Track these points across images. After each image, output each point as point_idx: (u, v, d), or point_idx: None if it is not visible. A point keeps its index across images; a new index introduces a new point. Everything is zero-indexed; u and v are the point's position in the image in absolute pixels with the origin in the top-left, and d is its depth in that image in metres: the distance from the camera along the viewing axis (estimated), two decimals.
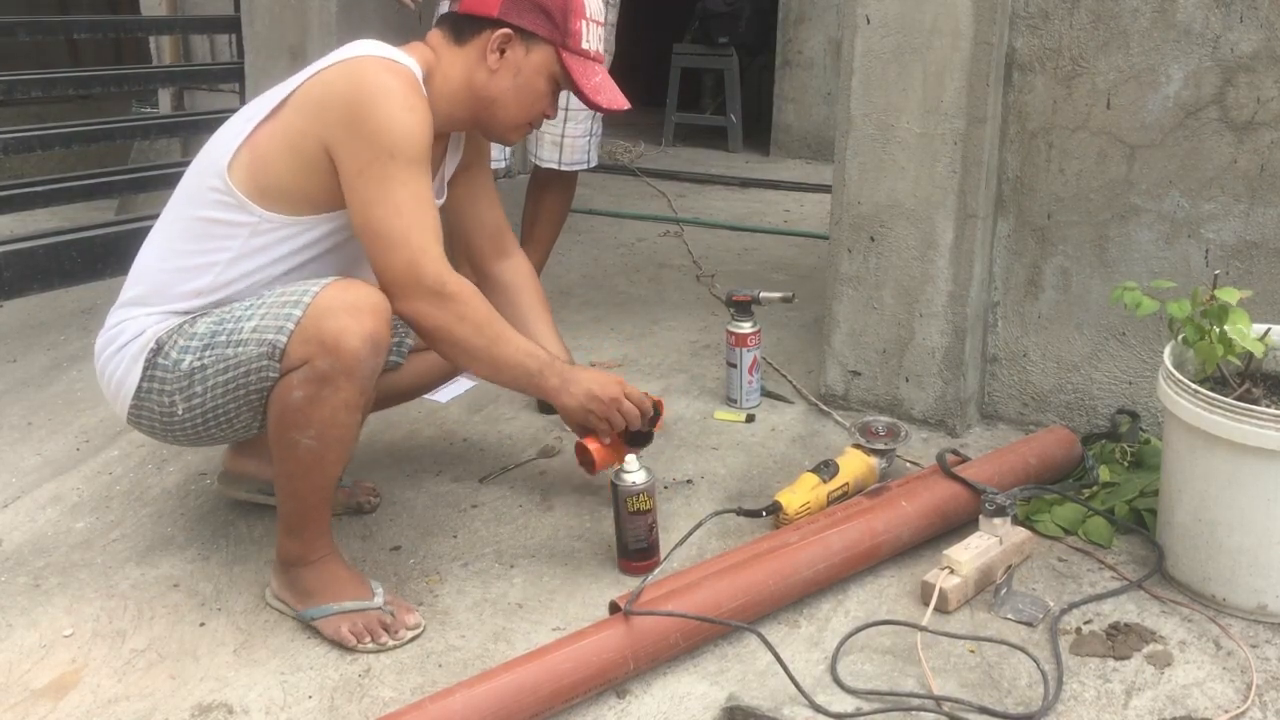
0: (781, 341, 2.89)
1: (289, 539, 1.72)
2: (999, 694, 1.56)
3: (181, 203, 1.74)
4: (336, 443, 1.62)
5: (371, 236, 1.64)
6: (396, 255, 1.63)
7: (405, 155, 1.61)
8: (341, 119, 1.62)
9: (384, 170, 1.61)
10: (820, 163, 5.45)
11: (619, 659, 1.54)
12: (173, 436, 1.73)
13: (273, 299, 1.62)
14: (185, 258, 1.70)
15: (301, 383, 1.57)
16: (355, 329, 1.56)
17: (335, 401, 1.58)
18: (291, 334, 1.56)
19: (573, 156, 2.81)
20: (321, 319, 1.56)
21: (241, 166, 1.67)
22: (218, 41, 4.82)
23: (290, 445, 1.61)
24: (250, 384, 1.60)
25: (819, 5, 5.53)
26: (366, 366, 1.59)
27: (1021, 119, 2.23)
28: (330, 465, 1.65)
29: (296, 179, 1.66)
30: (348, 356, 1.56)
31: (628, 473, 1.84)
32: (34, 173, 4.35)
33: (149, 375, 1.66)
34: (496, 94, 1.76)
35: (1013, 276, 2.33)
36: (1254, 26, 1.99)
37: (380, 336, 1.60)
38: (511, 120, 1.81)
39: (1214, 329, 1.70)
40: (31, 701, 1.58)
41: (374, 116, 1.60)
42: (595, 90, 1.80)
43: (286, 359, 1.57)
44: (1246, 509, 1.66)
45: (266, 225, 1.68)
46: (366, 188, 1.61)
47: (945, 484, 1.95)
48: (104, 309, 1.80)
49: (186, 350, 1.64)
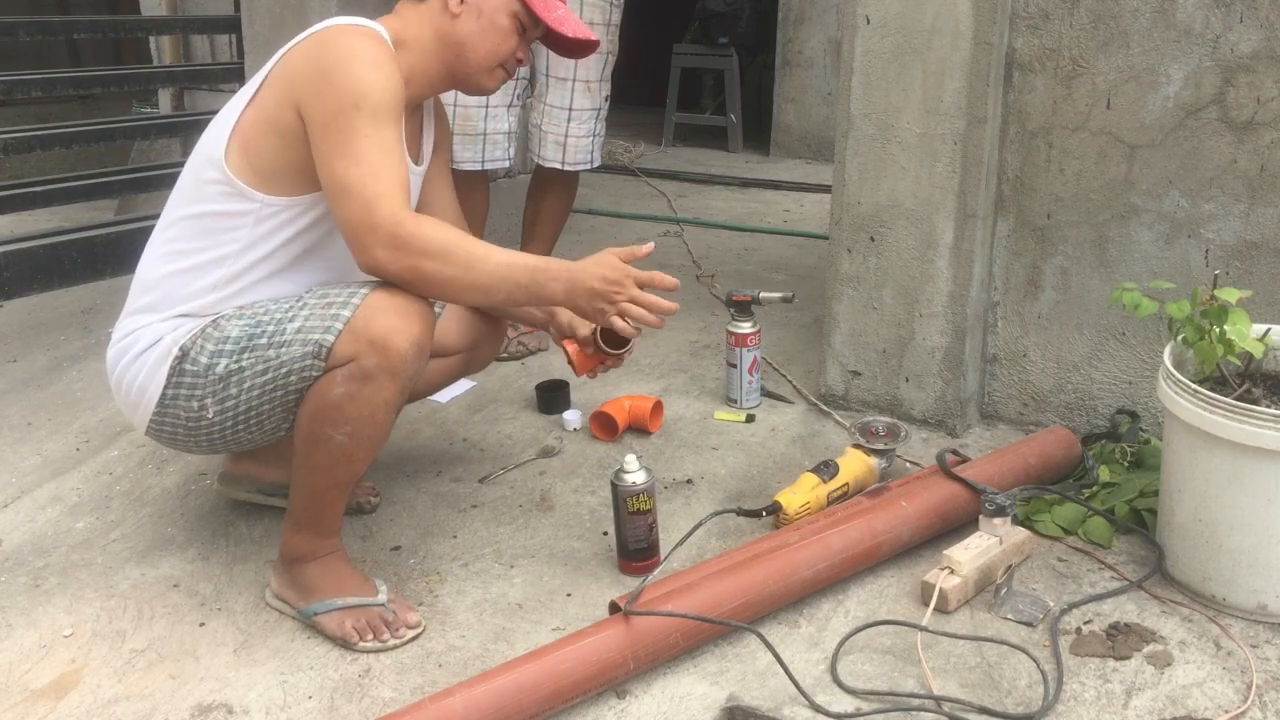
0: (781, 341, 2.90)
1: (297, 535, 1.72)
2: (999, 694, 1.56)
3: (179, 203, 1.73)
4: (368, 441, 1.63)
5: (334, 191, 1.60)
6: (352, 203, 1.57)
7: (369, 107, 1.58)
8: (309, 80, 1.62)
9: (348, 123, 1.58)
10: (820, 163, 5.45)
11: (619, 659, 1.54)
12: (195, 442, 1.72)
13: (315, 300, 1.62)
14: (192, 256, 1.69)
15: (345, 379, 1.57)
16: (405, 330, 1.57)
17: (376, 400, 1.58)
18: (340, 333, 1.56)
19: (576, 156, 2.82)
20: (372, 318, 1.56)
21: (235, 153, 1.67)
22: (218, 41, 4.82)
23: (321, 440, 1.61)
24: (290, 384, 1.60)
25: (819, 5, 5.54)
26: (411, 368, 1.59)
27: (1021, 119, 2.23)
28: (357, 463, 1.65)
29: (284, 155, 1.66)
30: (395, 356, 1.56)
31: (628, 473, 1.84)
32: (34, 173, 4.36)
33: (175, 382, 1.65)
34: (464, 37, 1.76)
35: (1013, 276, 2.33)
36: (1254, 26, 1.99)
37: (425, 342, 1.61)
38: (483, 63, 1.79)
39: (1214, 329, 1.70)
40: (31, 701, 1.58)
41: (338, 72, 1.59)
42: (559, 22, 1.81)
43: (332, 357, 1.57)
44: (1246, 509, 1.66)
45: (268, 209, 1.67)
46: (329, 140, 1.59)
47: (945, 484, 1.95)
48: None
49: (220, 354, 1.63)
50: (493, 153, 2.77)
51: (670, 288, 1.68)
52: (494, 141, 2.76)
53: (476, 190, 2.86)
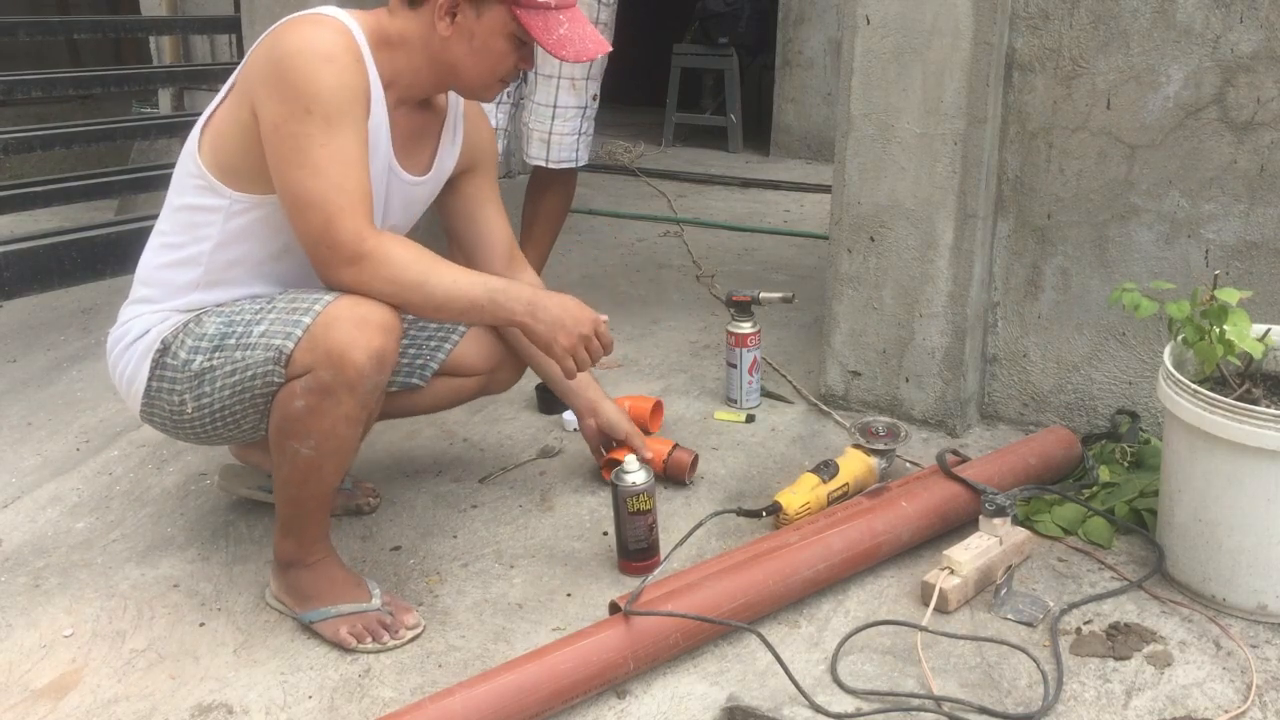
0: (781, 341, 2.90)
1: (286, 540, 1.72)
2: (999, 694, 1.56)
3: (170, 194, 1.73)
4: (334, 454, 1.61)
5: (289, 201, 1.55)
6: (313, 218, 1.53)
7: (320, 110, 1.51)
8: (261, 78, 1.55)
9: (300, 127, 1.51)
10: (820, 163, 5.45)
11: (619, 659, 1.54)
12: (183, 434, 1.73)
13: (284, 303, 1.61)
14: (176, 251, 1.69)
15: (304, 392, 1.55)
16: (362, 343, 1.53)
17: (336, 414, 1.56)
18: (299, 340, 1.55)
19: (560, 154, 2.80)
20: (329, 329, 1.53)
21: (206, 147, 1.65)
22: (218, 41, 4.83)
23: (289, 453, 1.60)
24: (255, 388, 1.60)
25: (819, 5, 5.54)
26: (369, 382, 1.56)
27: (1021, 119, 2.23)
28: (328, 475, 1.64)
29: (245, 153, 1.61)
30: (350, 370, 1.53)
31: (628, 473, 1.84)
32: (34, 173, 4.36)
33: (157, 375, 1.66)
34: (454, 60, 1.66)
35: (1013, 276, 2.33)
36: (1254, 26, 1.99)
37: (387, 353, 1.57)
38: (478, 83, 1.72)
39: (1214, 329, 1.70)
40: (31, 701, 1.58)
41: (290, 69, 1.51)
42: (559, 44, 1.67)
43: (292, 365, 1.55)
44: (1246, 509, 1.66)
45: (238, 206, 1.64)
46: (281, 146, 1.52)
47: (945, 484, 1.95)
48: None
49: (196, 351, 1.62)
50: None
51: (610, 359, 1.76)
52: None
53: None
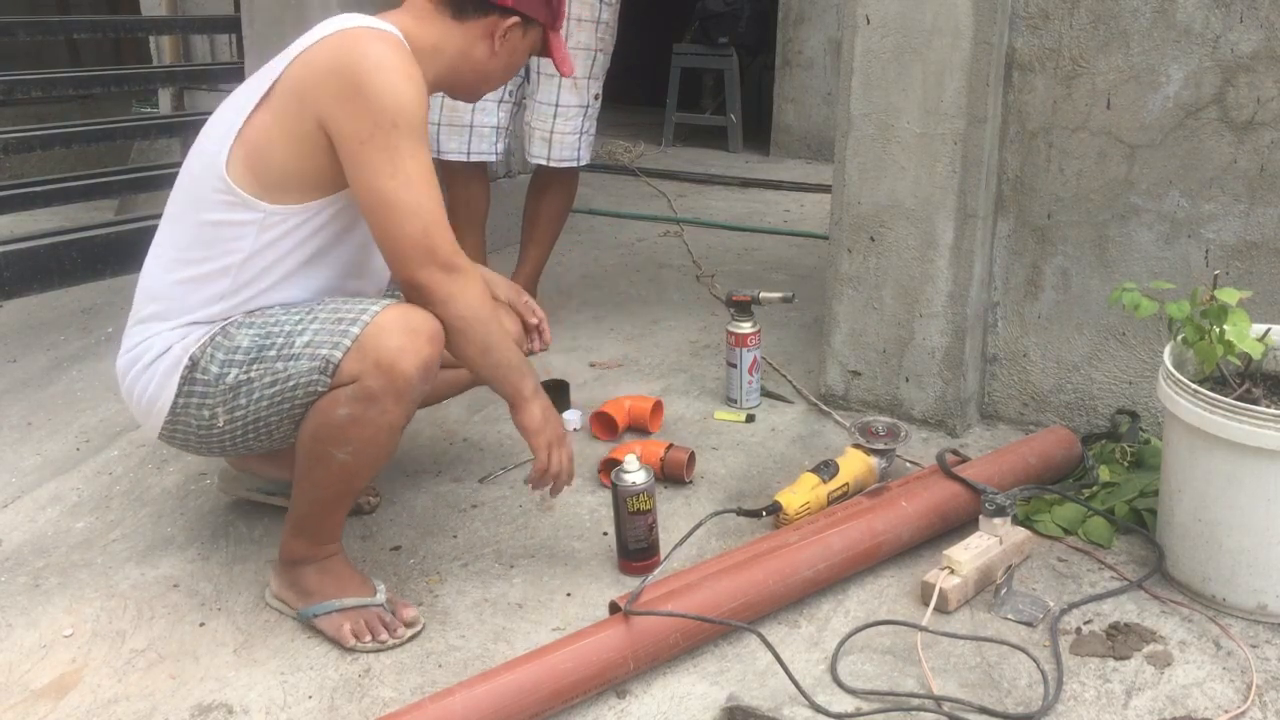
0: (781, 341, 2.90)
1: (296, 540, 1.72)
2: (999, 694, 1.56)
3: (180, 208, 1.71)
4: (371, 460, 1.63)
5: (382, 208, 1.59)
6: (411, 224, 1.59)
7: (407, 125, 1.57)
8: (338, 91, 1.57)
9: (388, 140, 1.57)
10: (820, 163, 5.45)
11: (619, 659, 1.54)
12: (208, 448, 1.72)
13: (326, 314, 1.61)
14: (197, 265, 1.67)
15: (348, 400, 1.56)
16: (412, 352, 1.55)
17: (380, 422, 1.58)
18: (348, 350, 1.55)
19: (561, 153, 2.80)
20: (380, 338, 1.55)
21: (239, 163, 1.63)
22: (218, 41, 4.83)
23: (323, 458, 1.60)
24: (297, 397, 1.60)
25: (819, 5, 5.54)
26: (416, 391, 1.59)
27: (1021, 119, 2.23)
28: (360, 480, 1.65)
29: (299, 164, 1.63)
30: (400, 379, 1.55)
31: (628, 473, 1.84)
32: (34, 173, 4.36)
33: (186, 391, 1.64)
34: (490, 71, 1.79)
35: (1013, 276, 2.33)
36: (1254, 26, 1.99)
37: (433, 363, 1.60)
38: (486, 90, 1.86)
39: (1214, 329, 1.70)
40: (31, 701, 1.58)
41: (372, 85, 1.56)
42: (564, 60, 1.88)
43: (338, 375, 1.56)
44: (1246, 509, 1.66)
45: (274, 218, 1.65)
46: (372, 159, 1.57)
47: (945, 484, 1.95)
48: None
49: (230, 364, 1.62)
50: (479, 145, 2.76)
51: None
52: (480, 134, 2.75)
53: (473, 184, 2.85)
